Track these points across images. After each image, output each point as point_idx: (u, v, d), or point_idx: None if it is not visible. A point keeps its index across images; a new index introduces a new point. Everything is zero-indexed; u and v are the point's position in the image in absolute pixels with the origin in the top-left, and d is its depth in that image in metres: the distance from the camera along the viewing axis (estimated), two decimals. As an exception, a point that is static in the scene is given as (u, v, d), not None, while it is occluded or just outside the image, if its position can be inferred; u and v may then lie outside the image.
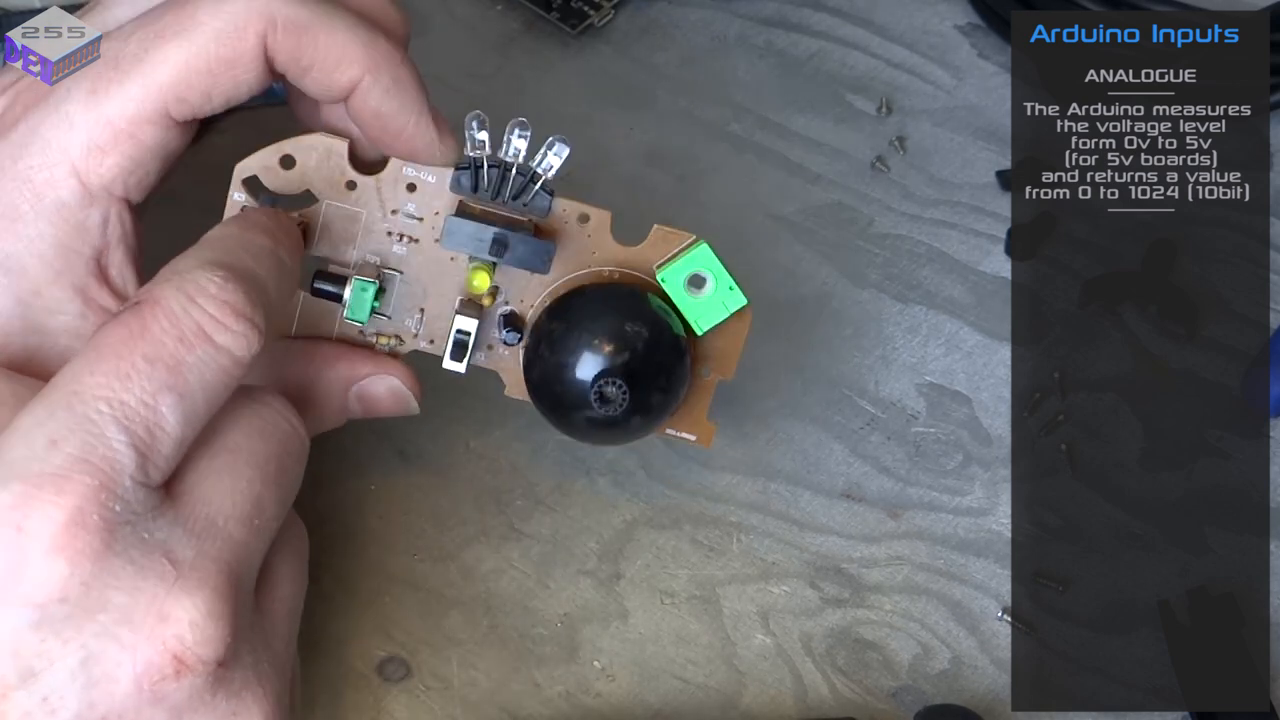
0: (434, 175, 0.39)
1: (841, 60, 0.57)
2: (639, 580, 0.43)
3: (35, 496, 0.29)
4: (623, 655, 0.41)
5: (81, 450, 0.29)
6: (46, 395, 0.30)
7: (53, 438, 0.29)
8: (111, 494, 0.29)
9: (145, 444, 0.30)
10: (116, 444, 0.30)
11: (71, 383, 0.30)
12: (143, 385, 0.30)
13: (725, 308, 0.39)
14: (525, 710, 0.40)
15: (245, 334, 0.32)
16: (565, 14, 0.57)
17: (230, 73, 0.36)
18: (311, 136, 0.39)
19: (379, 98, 0.37)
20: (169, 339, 0.31)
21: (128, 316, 0.31)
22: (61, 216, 0.36)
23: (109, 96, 0.36)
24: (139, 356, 0.31)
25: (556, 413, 0.40)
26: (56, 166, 0.36)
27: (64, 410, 0.30)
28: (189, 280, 0.32)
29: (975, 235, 0.52)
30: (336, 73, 0.37)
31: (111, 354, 0.31)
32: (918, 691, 0.41)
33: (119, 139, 0.36)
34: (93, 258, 0.36)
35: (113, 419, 0.30)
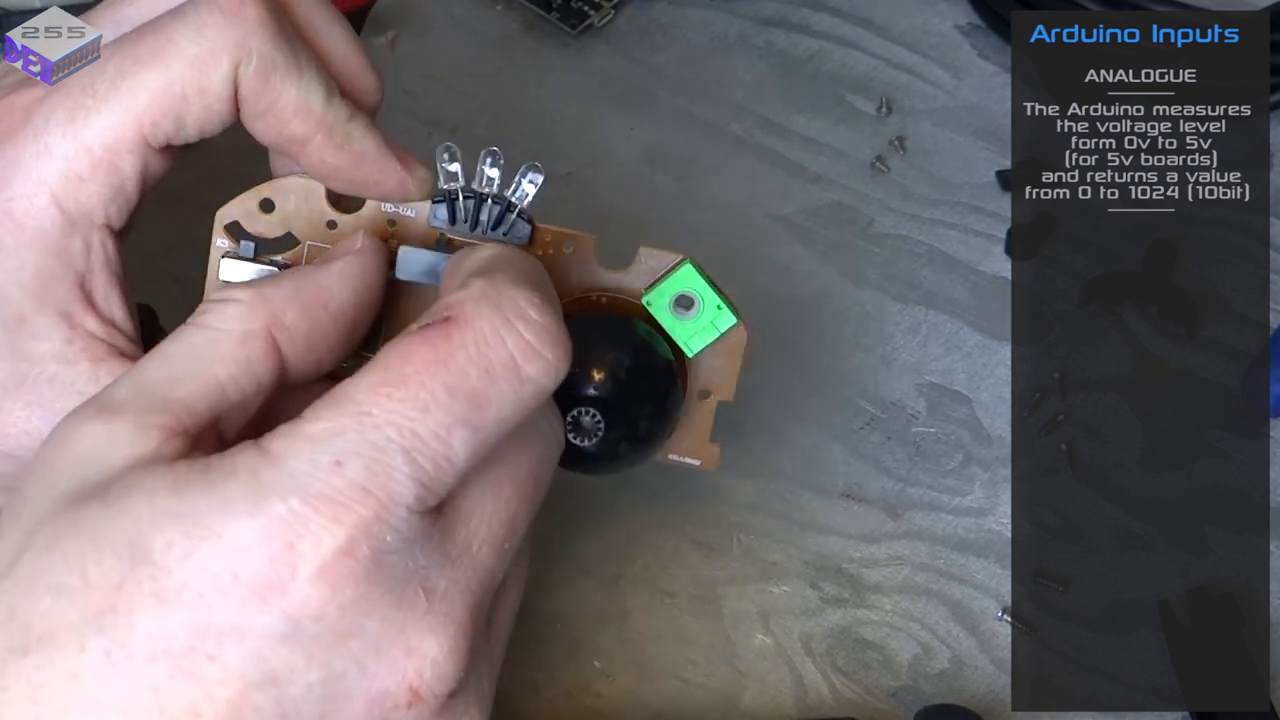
0: (414, 210, 0.39)
1: (841, 60, 0.57)
2: (639, 580, 0.43)
3: (311, 518, 0.28)
4: (623, 655, 0.41)
5: (365, 478, 0.29)
6: (340, 405, 0.30)
7: (338, 458, 0.29)
8: (385, 525, 0.29)
9: (430, 477, 0.29)
10: (400, 475, 0.29)
11: (366, 401, 0.29)
12: (439, 418, 0.29)
13: (715, 328, 0.39)
14: (525, 710, 0.40)
15: (556, 363, 0.31)
16: (565, 14, 0.57)
17: (203, 100, 0.36)
18: (289, 179, 0.39)
19: (332, 154, 0.37)
20: (475, 369, 0.30)
21: (434, 335, 0.30)
22: (43, 245, 0.36)
23: (86, 124, 0.35)
24: (440, 386, 0.29)
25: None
26: (36, 197, 0.35)
27: (354, 431, 0.29)
28: (506, 299, 0.30)
29: (975, 235, 0.52)
30: (292, 122, 0.37)
31: (413, 379, 0.29)
32: (918, 691, 0.41)
33: (98, 167, 0.36)
34: (76, 284, 0.36)
35: (401, 449, 0.29)
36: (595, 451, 0.37)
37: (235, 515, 0.29)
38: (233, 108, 0.36)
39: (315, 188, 0.39)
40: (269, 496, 0.29)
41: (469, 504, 0.31)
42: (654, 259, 0.39)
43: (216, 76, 0.35)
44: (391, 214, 0.39)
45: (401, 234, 0.39)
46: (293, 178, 0.39)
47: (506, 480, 0.32)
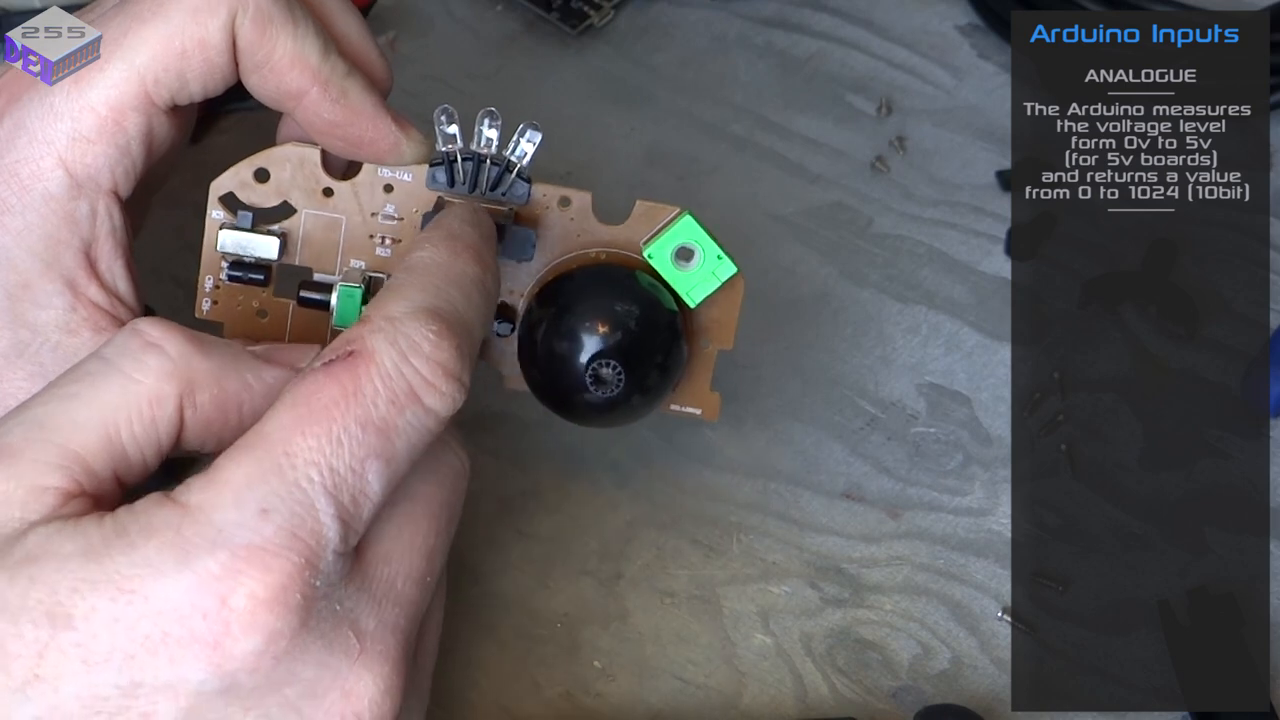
0: (410, 174, 0.39)
1: (841, 60, 0.57)
2: (639, 580, 0.43)
3: (242, 570, 0.28)
4: (623, 655, 0.41)
5: (291, 523, 0.29)
6: (256, 449, 0.29)
7: (264, 506, 0.29)
8: (314, 570, 0.29)
9: (350, 514, 0.30)
10: (325, 516, 0.29)
11: (283, 442, 0.29)
12: (354, 451, 0.30)
13: (716, 277, 0.39)
14: (525, 710, 0.40)
15: (454, 395, 0.31)
16: (565, 14, 0.57)
17: (203, 53, 0.36)
18: (283, 148, 0.39)
19: (329, 108, 0.37)
20: (381, 401, 0.30)
21: (340, 371, 0.30)
22: (49, 208, 0.36)
23: (91, 84, 0.36)
24: (352, 420, 0.30)
25: (555, 400, 0.39)
26: (43, 159, 0.36)
27: (276, 476, 0.29)
28: (403, 333, 0.31)
29: (975, 235, 0.52)
30: (288, 76, 0.37)
31: (325, 415, 0.30)
32: (918, 691, 0.41)
33: (104, 127, 0.36)
34: (81, 250, 0.36)
35: (323, 488, 0.29)
36: (614, 401, 0.38)
37: (161, 575, 0.28)
38: (232, 62, 0.37)
39: (310, 154, 0.39)
40: (196, 553, 0.28)
41: (388, 543, 0.31)
42: (651, 212, 0.40)
43: (214, 26, 0.36)
44: (389, 179, 0.39)
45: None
46: (288, 146, 0.39)
47: (422, 515, 0.32)
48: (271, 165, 0.39)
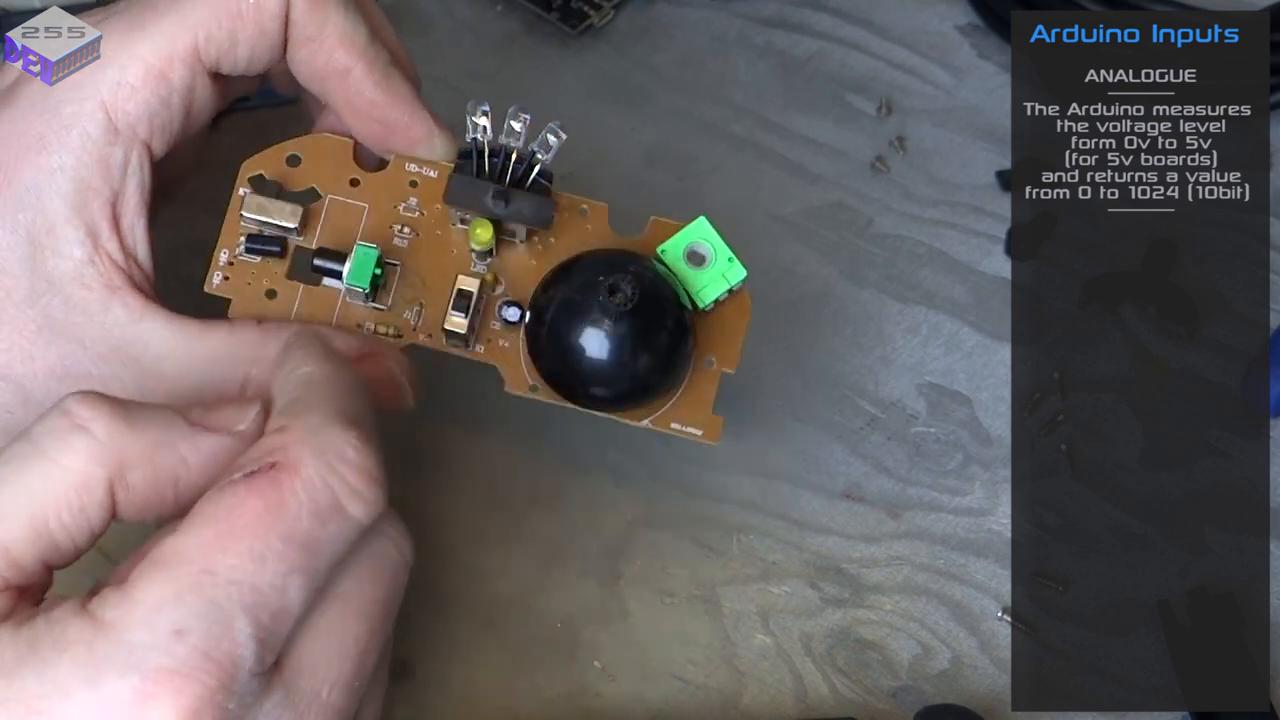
0: (435, 171, 0.40)
1: (841, 60, 0.57)
2: (639, 580, 0.43)
3: (153, 694, 0.28)
4: (623, 655, 0.41)
5: (206, 644, 0.28)
6: (173, 567, 0.29)
7: (178, 627, 0.28)
8: (228, 692, 0.28)
9: (269, 632, 0.29)
10: (242, 637, 0.28)
11: (203, 560, 0.28)
12: (276, 568, 0.29)
13: (726, 280, 0.39)
14: (525, 710, 0.40)
15: (378, 501, 0.30)
16: (565, 14, 0.57)
17: (257, 18, 0.37)
18: (318, 136, 0.40)
19: (372, 89, 0.38)
20: (305, 515, 0.29)
21: (264, 485, 0.29)
22: (85, 151, 0.36)
23: (144, 34, 0.37)
24: (275, 537, 0.29)
25: (563, 350, 0.38)
26: (86, 100, 0.36)
27: (193, 595, 0.28)
28: (328, 444, 0.30)
29: (975, 235, 0.52)
30: (336, 52, 0.38)
31: (247, 532, 0.29)
32: (918, 691, 0.41)
33: (149, 76, 0.36)
34: (109, 201, 0.37)
35: (241, 607, 0.28)
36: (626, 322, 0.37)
37: (69, 696, 0.28)
38: (282, 33, 0.38)
39: (344, 144, 0.40)
40: (106, 674, 0.28)
41: (314, 652, 0.30)
42: (665, 227, 0.40)
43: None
44: (414, 174, 0.40)
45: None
46: (323, 135, 0.40)
47: (352, 618, 0.31)
48: (304, 152, 0.40)
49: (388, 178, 0.40)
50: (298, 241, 0.40)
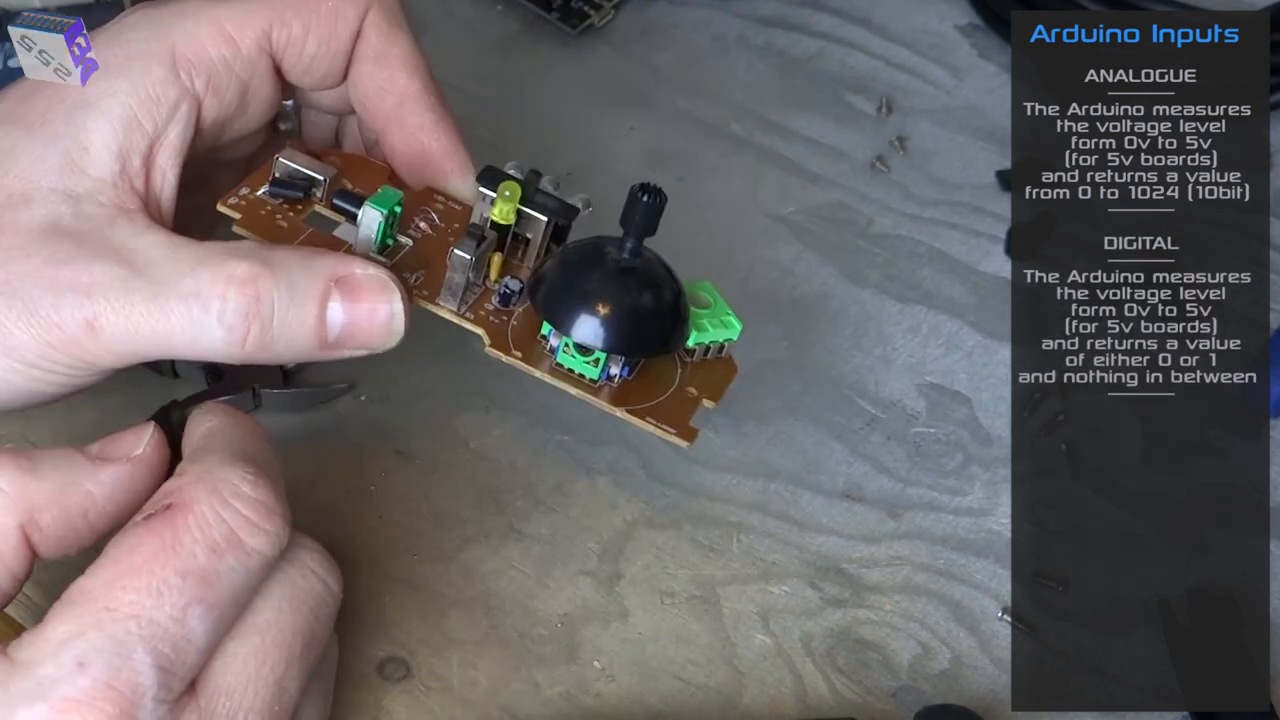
0: (460, 206, 0.42)
1: (841, 60, 0.57)
2: (639, 580, 0.43)
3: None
4: (623, 655, 0.41)
5: (108, 675, 0.30)
6: (79, 605, 0.30)
7: (81, 660, 0.30)
8: (132, 718, 0.30)
9: (171, 661, 0.30)
10: (142, 667, 0.30)
11: (104, 597, 0.30)
12: (174, 601, 0.30)
13: (723, 326, 0.41)
14: (525, 710, 0.40)
15: (277, 532, 0.32)
16: (565, 14, 0.57)
17: (332, 21, 0.39)
18: (356, 154, 0.43)
19: (424, 112, 0.41)
20: (201, 550, 0.31)
21: (159, 525, 0.31)
22: (142, 81, 0.38)
23: (226, 2, 0.39)
24: (171, 571, 0.31)
25: (577, 269, 0.39)
26: (156, 40, 0.38)
27: (94, 630, 0.30)
28: (220, 481, 0.32)
29: (975, 235, 0.52)
30: (401, 73, 0.40)
31: (145, 569, 0.30)
32: (918, 691, 0.41)
33: (220, 37, 0.38)
34: (148, 138, 0.38)
35: (140, 639, 0.30)
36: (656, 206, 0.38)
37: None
38: (351, 43, 0.40)
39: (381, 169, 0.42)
40: (18, 706, 0.29)
41: (230, 677, 0.32)
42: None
43: (351, 7, 0.40)
44: (440, 201, 0.42)
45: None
46: (363, 155, 0.42)
47: (271, 645, 0.33)
48: (342, 163, 0.42)
49: (416, 194, 0.42)
50: (318, 205, 0.41)
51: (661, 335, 0.40)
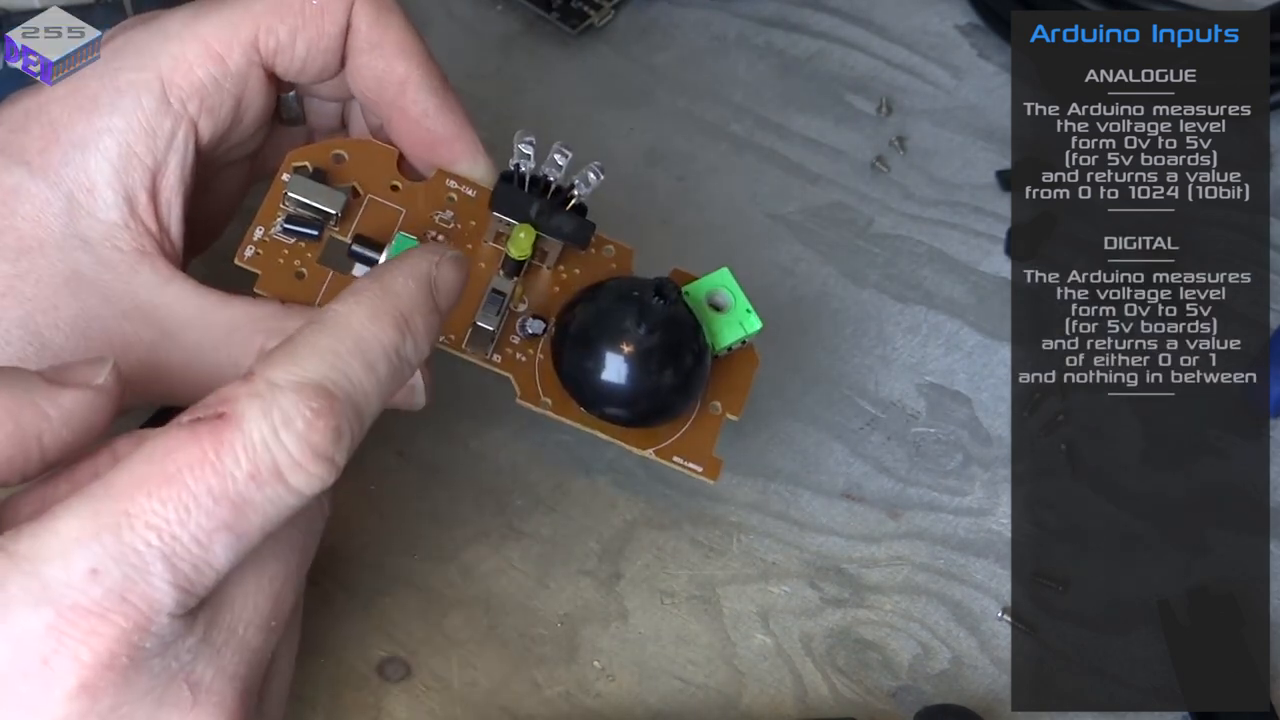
0: (474, 191, 0.41)
1: (841, 60, 0.57)
2: (639, 580, 0.43)
3: (66, 631, 0.27)
4: (623, 655, 0.41)
5: (122, 586, 0.27)
6: (97, 501, 0.28)
7: (94, 566, 0.27)
8: (144, 633, 0.28)
9: (189, 582, 0.28)
10: (159, 583, 0.28)
11: (127, 499, 0.28)
12: (201, 522, 0.28)
13: (742, 328, 0.40)
14: (525, 710, 0.40)
15: (322, 477, 0.29)
16: (565, 14, 0.57)
17: (318, 20, 0.38)
18: (364, 140, 0.41)
19: (426, 97, 0.40)
20: (241, 474, 0.28)
21: (205, 433, 0.28)
22: (135, 116, 0.37)
23: (207, 18, 0.38)
24: (205, 490, 0.28)
25: (592, 354, 0.38)
26: (144, 70, 0.37)
27: (110, 535, 0.28)
28: (278, 406, 0.29)
29: (975, 235, 0.52)
30: (398, 59, 0.39)
31: (177, 479, 0.28)
32: (918, 691, 0.41)
33: (207, 56, 0.38)
34: (150, 171, 0.37)
35: (160, 555, 0.28)
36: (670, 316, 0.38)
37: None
38: (342, 39, 0.39)
39: (389, 151, 0.41)
40: (18, 609, 0.27)
41: (232, 590, 0.30)
42: (684, 279, 0.41)
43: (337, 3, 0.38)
44: (454, 189, 0.41)
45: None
46: (371, 140, 0.41)
47: (270, 558, 0.31)
48: (350, 152, 0.40)
49: (428, 188, 0.41)
50: (334, 231, 0.40)
51: (688, 398, 0.40)
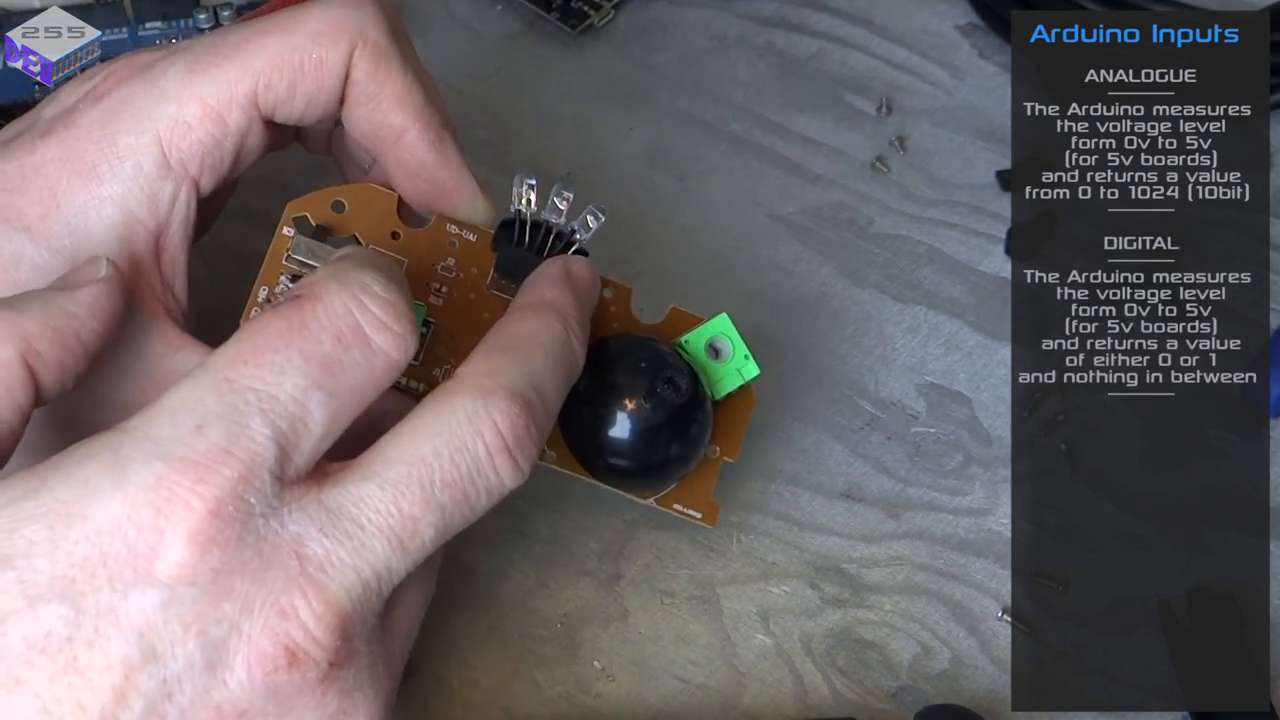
0: (474, 235, 0.40)
1: (841, 60, 0.57)
2: (639, 580, 0.43)
3: (177, 482, 0.29)
4: (623, 655, 0.41)
5: (226, 440, 0.30)
6: (198, 376, 0.31)
7: (199, 423, 0.30)
8: (250, 486, 0.30)
9: (288, 439, 0.30)
10: (260, 437, 0.30)
11: (225, 368, 0.30)
12: (295, 381, 0.30)
13: (740, 375, 0.41)
14: (525, 710, 0.40)
15: (405, 336, 0.32)
16: (565, 14, 0.57)
17: (318, 74, 0.38)
18: (365, 186, 0.40)
19: (425, 150, 0.39)
20: (327, 337, 0.31)
21: (288, 309, 0.31)
22: (136, 183, 0.37)
23: (205, 76, 0.37)
24: (295, 352, 0.31)
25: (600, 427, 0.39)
26: (143, 134, 0.37)
27: (213, 396, 0.30)
28: (352, 278, 0.32)
29: (975, 235, 0.52)
30: (393, 113, 0.39)
31: (268, 346, 0.31)
32: (918, 691, 0.41)
33: (206, 117, 0.37)
34: (153, 234, 0.37)
35: (259, 411, 0.30)
36: (676, 414, 0.38)
37: (98, 494, 0.29)
38: (340, 89, 0.38)
39: (389, 196, 0.40)
40: (131, 465, 0.29)
41: (368, 486, 0.31)
42: (685, 317, 0.41)
43: (335, 52, 0.37)
44: (454, 234, 0.40)
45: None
46: (370, 185, 0.40)
47: (416, 481, 0.32)
48: (350, 200, 0.40)
49: (429, 234, 0.40)
50: None
51: (691, 462, 0.40)
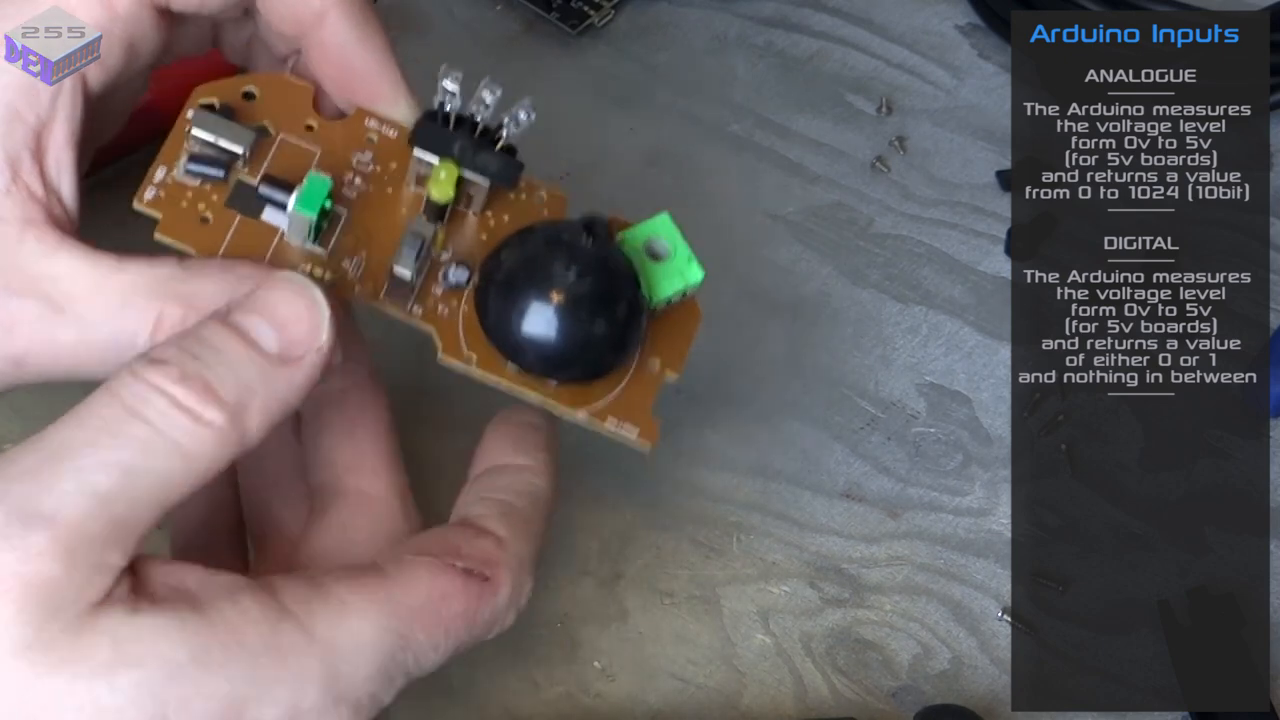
0: (395, 131, 0.38)
1: (841, 60, 0.57)
2: (639, 580, 0.43)
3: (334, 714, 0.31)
4: (623, 655, 0.41)
5: (383, 690, 0.32)
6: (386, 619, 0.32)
7: (373, 673, 0.32)
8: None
9: (405, 682, 0.33)
10: (392, 691, 0.32)
11: (406, 622, 0.32)
12: (443, 655, 0.33)
13: (683, 277, 0.38)
14: (525, 710, 0.40)
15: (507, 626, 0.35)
16: (565, 14, 0.57)
17: None
18: (279, 75, 0.38)
19: (346, 32, 0.37)
20: (480, 628, 0.34)
21: (475, 595, 0.34)
22: (14, 70, 0.35)
23: None
24: (460, 630, 0.33)
25: (519, 299, 0.35)
26: (18, 19, 0.35)
27: (388, 656, 0.32)
28: (524, 585, 0.35)
29: (975, 235, 0.52)
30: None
31: (442, 625, 0.33)
32: (918, 691, 0.41)
33: (90, 2, 0.35)
34: (34, 130, 0.35)
35: (406, 673, 0.33)
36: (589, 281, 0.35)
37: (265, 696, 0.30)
38: None
39: (305, 88, 0.38)
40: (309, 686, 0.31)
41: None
42: (623, 227, 0.38)
43: None
44: (374, 129, 0.38)
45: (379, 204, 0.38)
46: (284, 75, 0.38)
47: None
48: (262, 89, 0.37)
49: (346, 127, 0.38)
50: (241, 173, 0.37)
51: (622, 351, 0.37)
